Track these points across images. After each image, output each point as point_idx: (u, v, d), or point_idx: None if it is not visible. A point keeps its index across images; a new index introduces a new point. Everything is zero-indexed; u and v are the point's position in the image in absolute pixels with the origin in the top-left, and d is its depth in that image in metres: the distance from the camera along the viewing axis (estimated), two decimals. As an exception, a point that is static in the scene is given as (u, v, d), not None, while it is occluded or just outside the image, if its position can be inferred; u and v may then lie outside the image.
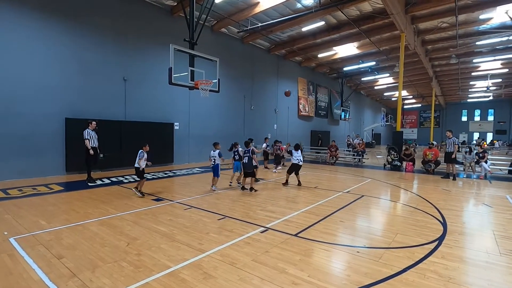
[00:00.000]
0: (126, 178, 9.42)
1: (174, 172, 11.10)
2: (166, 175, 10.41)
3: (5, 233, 4.37)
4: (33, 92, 9.07)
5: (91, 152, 8.51)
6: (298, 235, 4.49)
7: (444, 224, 5.16)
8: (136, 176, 7.43)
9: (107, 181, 8.96)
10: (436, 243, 4.24)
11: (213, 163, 7.82)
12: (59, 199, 6.70)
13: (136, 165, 6.94)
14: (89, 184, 8.40)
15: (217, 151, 7.82)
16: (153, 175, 10.31)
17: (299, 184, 8.69)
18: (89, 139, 8.52)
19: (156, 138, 12.11)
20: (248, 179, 7.89)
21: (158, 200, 6.69)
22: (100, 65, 10.70)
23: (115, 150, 10.89)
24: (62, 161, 9.77)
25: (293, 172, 8.66)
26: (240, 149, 8.37)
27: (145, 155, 6.95)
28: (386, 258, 3.67)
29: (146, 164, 7.01)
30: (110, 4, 10.90)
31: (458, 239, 4.45)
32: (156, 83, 12.37)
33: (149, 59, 12.30)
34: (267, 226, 4.90)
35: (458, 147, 11.27)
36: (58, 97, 9.65)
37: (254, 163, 7.83)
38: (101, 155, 10.06)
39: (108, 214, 5.45)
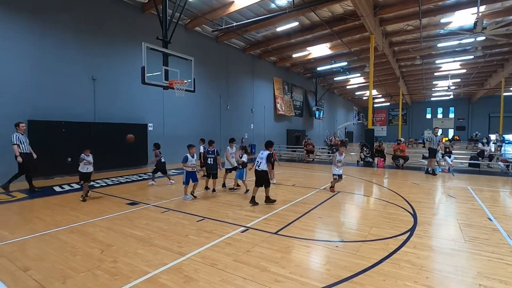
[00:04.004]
0: (97, 183, 8.96)
1: (148, 175, 10.72)
2: (140, 178, 10.04)
3: (-39, 246, 3.99)
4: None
5: (19, 159, 7.30)
6: (278, 233, 4.53)
7: (414, 216, 5.45)
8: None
9: (76, 186, 8.47)
10: (408, 234, 4.47)
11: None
12: (23, 207, 6.23)
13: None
14: (34, 191, 7.55)
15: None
16: (127, 178, 9.90)
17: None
18: (18, 145, 7.34)
19: (129, 140, 11.66)
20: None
21: (133, 204, 6.44)
22: (64, 64, 10.05)
23: (84, 153, 10.30)
24: (24, 167, 9.08)
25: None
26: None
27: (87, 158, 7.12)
28: (363, 251, 3.81)
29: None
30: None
31: (428, 229, 4.72)
32: (129, 82, 11.90)
33: (121, 58, 11.79)
34: (247, 225, 4.89)
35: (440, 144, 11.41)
36: (18, 97, 8.95)
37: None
38: (69, 159, 9.51)
39: (79, 221, 5.15)
